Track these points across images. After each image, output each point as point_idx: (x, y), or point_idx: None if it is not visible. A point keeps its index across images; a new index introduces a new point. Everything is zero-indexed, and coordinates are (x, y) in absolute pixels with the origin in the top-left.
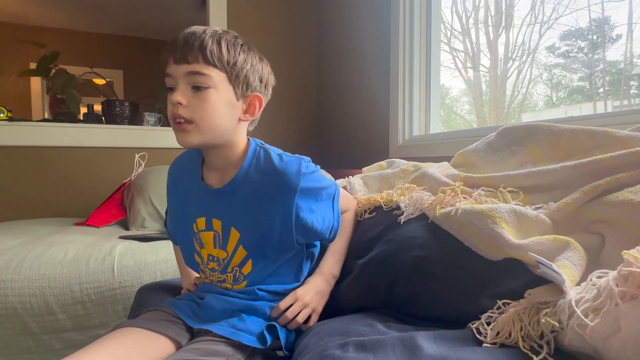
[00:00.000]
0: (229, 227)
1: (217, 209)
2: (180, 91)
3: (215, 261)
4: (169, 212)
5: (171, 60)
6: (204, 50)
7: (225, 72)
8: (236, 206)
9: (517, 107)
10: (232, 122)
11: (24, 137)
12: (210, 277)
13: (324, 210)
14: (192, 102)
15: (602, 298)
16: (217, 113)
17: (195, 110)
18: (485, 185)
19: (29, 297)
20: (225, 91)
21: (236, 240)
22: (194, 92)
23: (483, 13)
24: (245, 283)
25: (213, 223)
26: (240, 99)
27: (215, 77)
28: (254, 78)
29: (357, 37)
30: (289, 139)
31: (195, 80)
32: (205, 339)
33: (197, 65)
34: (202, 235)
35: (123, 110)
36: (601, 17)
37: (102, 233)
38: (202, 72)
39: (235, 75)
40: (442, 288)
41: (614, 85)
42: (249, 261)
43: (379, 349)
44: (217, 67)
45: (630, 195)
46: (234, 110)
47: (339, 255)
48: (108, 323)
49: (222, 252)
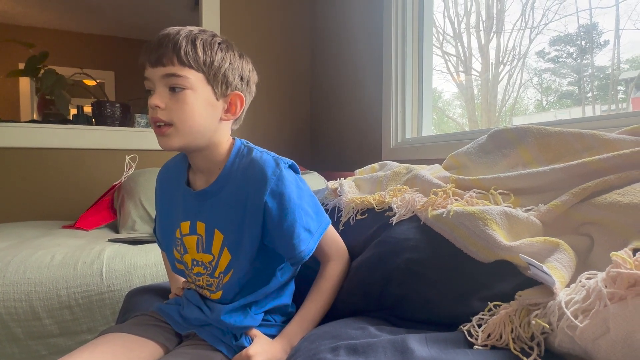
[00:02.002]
0: (213, 228)
1: (201, 211)
2: (157, 94)
3: (200, 265)
4: (157, 219)
5: (147, 63)
6: (178, 52)
7: (202, 73)
8: (220, 206)
9: (508, 111)
10: (212, 123)
11: (12, 138)
12: (197, 281)
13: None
14: (170, 104)
15: (591, 299)
16: (196, 114)
17: (174, 112)
18: (477, 187)
19: (14, 301)
20: (203, 92)
21: (220, 242)
22: (172, 94)
23: (474, 18)
24: (221, 293)
25: (197, 226)
26: (220, 98)
27: (192, 78)
28: (233, 76)
29: (350, 41)
30: (282, 141)
31: (172, 82)
32: (194, 343)
33: (173, 68)
34: (186, 240)
35: (114, 111)
36: (589, 23)
37: (91, 236)
38: (177, 73)
39: (213, 75)
40: (433, 290)
41: (602, 89)
42: (231, 271)
43: (371, 352)
44: (193, 67)
45: (618, 197)
46: (214, 110)
47: (307, 324)
48: (96, 328)
49: (207, 255)
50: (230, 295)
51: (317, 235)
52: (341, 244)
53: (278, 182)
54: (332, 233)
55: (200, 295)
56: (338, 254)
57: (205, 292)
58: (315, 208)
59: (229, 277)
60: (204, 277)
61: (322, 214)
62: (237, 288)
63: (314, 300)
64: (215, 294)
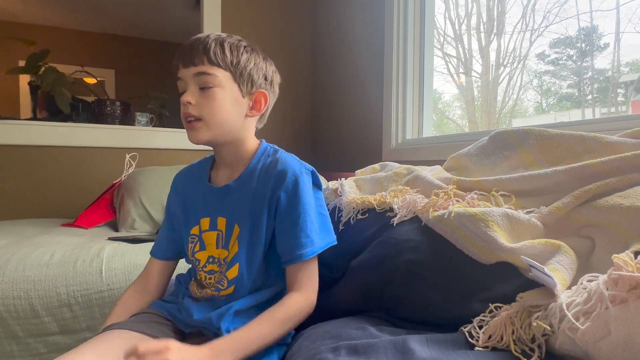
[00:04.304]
0: (233, 223)
1: (222, 207)
2: (189, 92)
3: (215, 262)
4: (166, 227)
5: (180, 64)
6: (208, 52)
7: (229, 71)
8: (241, 201)
9: (508, 113)
10: (239, 118)
11: (12, 136)
12: (206, 280)
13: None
14: (200, 101)
15: (592, 302)
16: (224, 110)
17: (203, 108)
18: (478, 188)
19: (13, 299)
20: (230, 89)
21: (236, 236)
22: (202, 92)
23: (475, 20)
24: (233, 287)
25: (217, 222)
26: (245, 96)
27: (220, 76)
28: (257, 76)
29: (351, 41)
30: (283, 141)
31: (202, 81)
32: (196, 342)
33: (203, 67)
34: (205, 236)
35: (114, 109)
36: (590, 26)
37: (90, 234)
38: (207, 72)
39: (239, 73)
40: (434, 291)
41: (601, 92)
42: (236, 264)
43: (371, 353)
44: (222, 66)
45: (620, 200)
46: (240, 106)
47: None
48: (95, 326)
49: (224, 251)
50: (242, 292)
51: (318, 246)
52: (315, 280)
53: (295, 182)
54: (315, 264)
55: (193, 297)
56: (308, 287)
57: (207, 291)
58: (322, 224)
59: (234, 271)
60: (216, 276)
61: (329, 231)
62: (248, 284)
63: (260, 325)
64: (226, 290)
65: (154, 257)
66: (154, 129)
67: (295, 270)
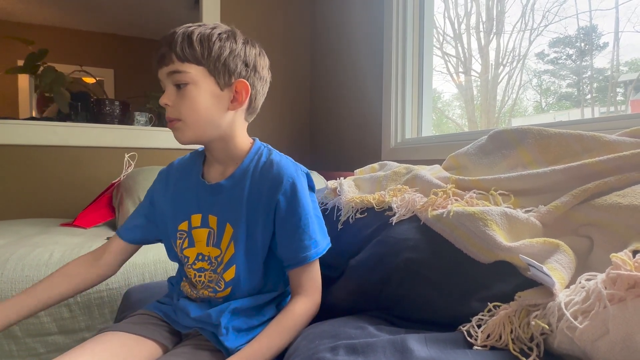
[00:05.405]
0: (225, 222)
1: (214, 205)
2: (166, 93)
3: (205, 260)
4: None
5: (156, 65)
6: (175, 49)
7: (202, 65)
8: (233, 202)
9: (508, 112)
10: (219, 113)
11: (10, 136)
12: (196, 277)
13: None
14: (176, 101)
15: (590, 300)
16: (200, 107)
17: (180, 108)
18: (477, 188)
19: None
20: (205, 84)
21: (229, 237)
22: (178, 91)
23: (474, 19)
24: (230, 289)
25: (209, 220)
26: (224, 88)
27: (193, 72)
28: (234, 64)
29: (351, 41)
30: (282, 141)
31: (176, 79)
32: (194, 343)
33: (173, 65)
34: (195, 233)
35: (113, 109)
36: (589, 25)
37: (89, 234)
38: (178, 69)
39: (213, 65)
40: (433, 290)
41: (601, 92)
42: (233, 266)
43: (370, 352)
44: (192, 61)
45: (618, 199)
46: (220, 101)
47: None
48: (94, 326)
49: (216, 249)
50: (239, 295)
51: (321, 247)
52: (319, 282)
53: (293, 185)
54: (317, 266)
55: (189, 298)
56: (312, 290)
57: (204, 292)
58: (321, 225)
59: (231, 273)
60: (207, 274)
61: (326, 233)
62: (245, 287)
63: (269, 337)
64: (223, 292)
65: (121, 237)
66: (153, 128)
67: (299, 274)
